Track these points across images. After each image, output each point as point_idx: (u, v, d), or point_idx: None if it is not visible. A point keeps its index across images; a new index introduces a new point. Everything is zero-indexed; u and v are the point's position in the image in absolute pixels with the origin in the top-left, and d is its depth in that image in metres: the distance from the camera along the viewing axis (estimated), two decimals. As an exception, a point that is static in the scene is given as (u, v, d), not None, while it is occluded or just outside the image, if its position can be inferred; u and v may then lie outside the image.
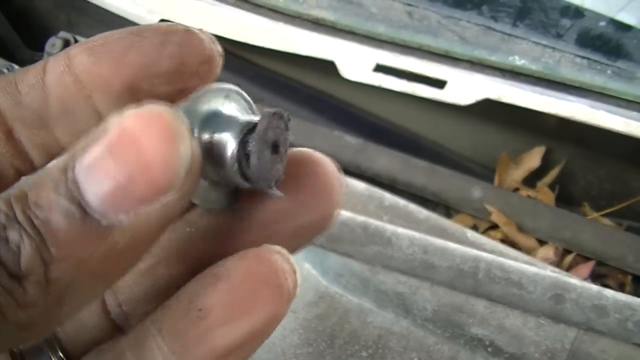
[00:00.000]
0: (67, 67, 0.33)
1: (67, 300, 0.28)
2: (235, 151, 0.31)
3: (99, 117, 0.33)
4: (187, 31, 0.33)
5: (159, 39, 0.33)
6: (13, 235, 0.27)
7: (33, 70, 0.33)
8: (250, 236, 0.34)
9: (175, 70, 0.33)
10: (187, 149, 0.27)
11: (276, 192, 0.32)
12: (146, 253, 0.30)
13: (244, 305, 0.30)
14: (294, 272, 0.32)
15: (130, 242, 0.28)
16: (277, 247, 0.32)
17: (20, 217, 0.27)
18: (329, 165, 0.35)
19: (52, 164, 0.28)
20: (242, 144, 0.31)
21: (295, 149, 0.35)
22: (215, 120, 0.33)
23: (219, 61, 0.35)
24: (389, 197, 1.15)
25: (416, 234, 1.02)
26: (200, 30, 0.34)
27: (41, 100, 0.33)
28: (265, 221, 0.34)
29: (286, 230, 0.34)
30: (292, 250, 0.34)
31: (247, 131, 0.31)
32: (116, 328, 0.36)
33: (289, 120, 0.32)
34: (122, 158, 0.26)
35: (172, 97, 0.33)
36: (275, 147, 0.31)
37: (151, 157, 0.26)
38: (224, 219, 0.35)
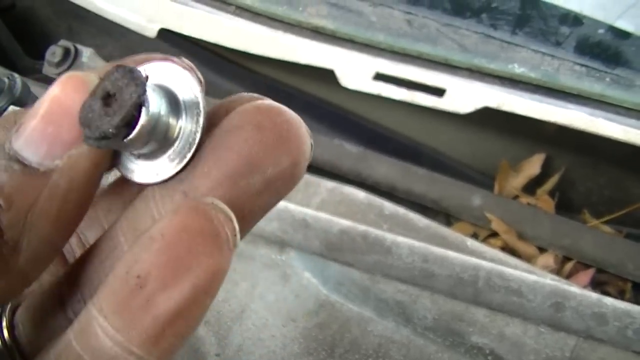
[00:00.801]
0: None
1: (25, 245, 0.30)
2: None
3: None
4: (166, 59, 0.35)
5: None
6: None
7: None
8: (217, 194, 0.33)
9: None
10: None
11: (96, 142, 0.30)
12: (89, 198, 0.32)
13: (181, 263, 0.29)
14: (231, 220, 0.30)
15: (70, 182, 0.30)
16: (210, 198, 0.31)
17: None
18: (290, 113, 0.35)
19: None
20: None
21: (254, 102, 0.34)
22: None
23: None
24: (388, 206, 1.15)
25: (416, 243, 1.02)
26: (180, 58, 0.35)
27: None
28: (229, 176, 0.32)
29: (254, 185, 0.33)
30: (265, 207, 0.34)
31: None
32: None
33: (144, 78, 0.30)
34: (47, 116, 0.30)
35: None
36: (106, 99, 0.30)
37: (65, 107, 0.30)
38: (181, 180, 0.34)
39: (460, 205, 1.38)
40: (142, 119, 0.30)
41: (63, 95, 0.30)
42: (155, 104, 0.31)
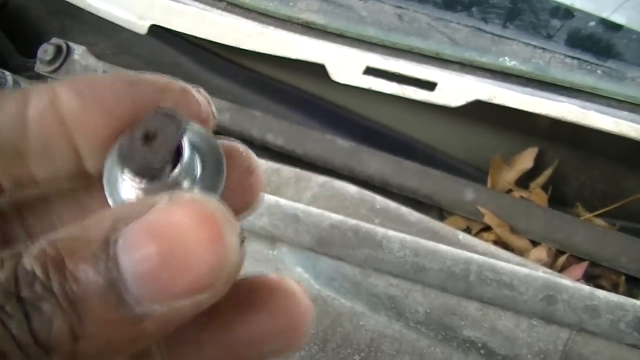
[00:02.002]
0: (52, 105, 0.32)
1: None
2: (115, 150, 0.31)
3: (79, 159, 0.33)
4: (184, 91, 0.33)
5: (154, 95, 0.33)
6: (47, 307, 0.26)
7: (14, 101, 0.32)
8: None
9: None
10: (234, 255, 0.27)
11: (142, 183, 0.31)
12: (170, 334, 0.30)
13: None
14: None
15: (159, 329, 0.28)
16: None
17: (57, 289, 0.26)
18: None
19: (93, 228, 0.27)
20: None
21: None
22: None
23: (213, 123, 0.35)
24: (380, 200, 1.15)
25: (407, 237, 1.02)
26: (198, 90, 0.34)
27: (19, 134, 0.32)
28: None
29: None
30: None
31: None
32: None
33: (183, 122, 0.30)
34: (168, 255, 0.26)
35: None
36: (148, 138, 0.30)
37: (197, 261, 0.26)
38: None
39: (453, 199, 1.38)
40: (186, 154, 0.31)
41: (195, 241, 0.27)
42: (190, 158, 0.32)
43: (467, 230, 1.37)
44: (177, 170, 0.31)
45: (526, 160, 1.45)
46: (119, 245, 0.27)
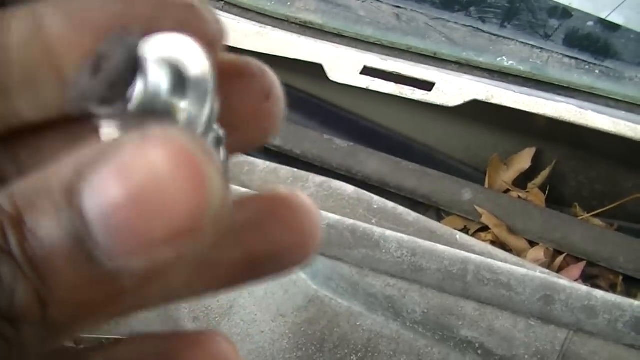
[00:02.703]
0: (36, 30, 0.28)
1: (63, 337, 0.25)
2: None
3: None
4: (189, 6, 0.27)
5: (153, 11, 0.27)
6: (7, 272, 0.23)
7: None
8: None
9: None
10: (216, 193, 0.24)
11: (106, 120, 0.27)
12: (152, 291, 0.26)
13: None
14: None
15: (140, 285, 0.24)
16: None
17: (16, 251, 0.23)
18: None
19: (53, 175, 0.24)
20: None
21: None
22: None
23: (223, 45, 0.29)
24: (377, 200, 1.15)
25: (404, 237, 1.02)
26: (204, 5, 0.28)
27: (1, 65, 0.28)
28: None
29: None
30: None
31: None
32: None
33: (134, 39, 0.26)
34: (140, 198, 0.23)
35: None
36: (94, 68, 0.26)
37: (174, 199, 0.23)
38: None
39: (450, 199, 1.37)
40: (150, 78, 0.26)
41: (170, 180, 0.23)
42: (156, 76, 0.27)
43: (465, 230, 1.37)
44: (137, 98, 0.26)
45: (524, 160, 1.45)
46: (82, 192, 0.23)
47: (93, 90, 0.26)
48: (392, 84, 1.24)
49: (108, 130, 0.27)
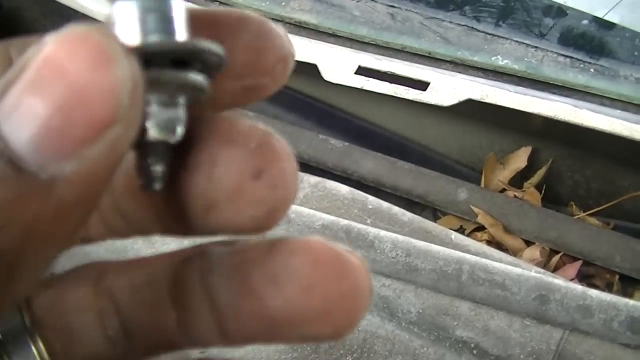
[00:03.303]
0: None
1: (18, 272, 0.24)
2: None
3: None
4: (265, 22, 0.29)
5: (233, 25, 0.28)
6: None
7: None
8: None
9: (248, 64, 0.28)
10: (124, 68, 0.22)
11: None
12: (99, 198, 0.25)
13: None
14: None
15: (80, 191, 0.23)
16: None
17: None
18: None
19: None
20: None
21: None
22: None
23: (293, 64, 0.30)
24: (372, 200, 1.15)
25: (399, 237, 1.02)
26: (277, 24, 0.29)
27: None
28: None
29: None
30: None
31: None
32: (116, 347, 0.30)
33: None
34: (49, 93, 0.22)
35: (237, 96, 0.29)
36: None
37: (83, 85, 0.22)
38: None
39: (446, 199, 1.37)
40: None
41: (70, 65, 0.22)
42: None
43: (461, 230, 1.37)
44: None
45: (520, 159, 1.44)
46: None
47: None
48: (387, 83, 1.24)
49: None
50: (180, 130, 0.27)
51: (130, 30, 0.26)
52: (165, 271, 0.30)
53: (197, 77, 0.26)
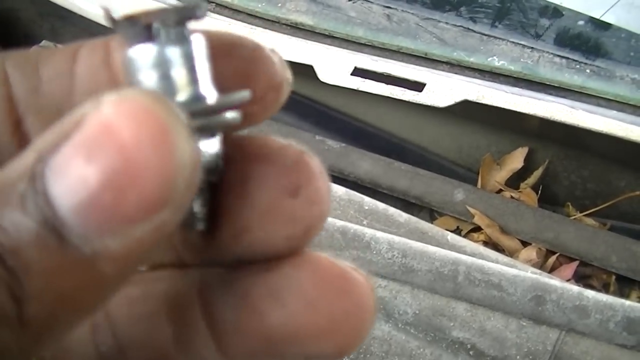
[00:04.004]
0: (105, 61, 0.27)
1: (44, 337, 0.23)
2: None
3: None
4: (258, 47, 0.27)
5: (224, 49, 0.27)
6: None
7: (61, 54, 0.27)
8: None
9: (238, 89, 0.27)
10: (185, 153, 0.21)
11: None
12: (138, 270, 0.24)
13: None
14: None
15: (121, 267, 0.22)
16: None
17: None
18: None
19: (14, 167, 0.22)
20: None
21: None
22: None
23: (287, 91, 0.29)
24: (368, 201, 1.15)
25: (395, 238, 1.02)
26: (272, 49, 0.28)
27: (66, 93, 0.27)
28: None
29: None
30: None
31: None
32: None
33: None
34: (103, 163, 0.21)
35: None
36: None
37: (141, 164, 0.21)
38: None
39: (443, 200, 1.37)
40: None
41: (130, 140, 0.21)
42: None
43: (457, 231, 1.37)
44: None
45: (516, 159, 1.44)
46: (45, 175, 0.21)
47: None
48: (383, 84, 1.24)
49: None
50: (220, 167, 0.26)
51: (162, 83, 0.25)
52: (162, 285, 0.30)
53: (233, 116, 0.26)
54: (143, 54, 0.25)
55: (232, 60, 0.27)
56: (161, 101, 0.22)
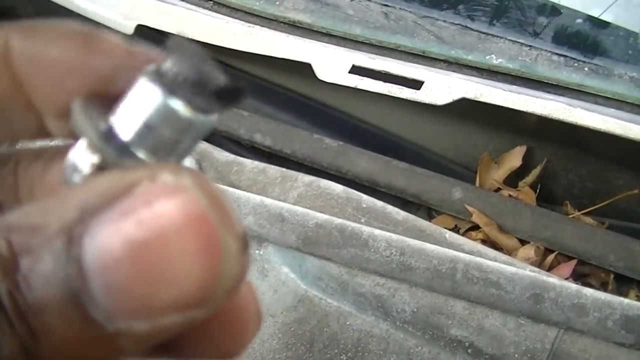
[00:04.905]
0: (5, 61, 0.26)
1: None
2: (157, 86, 0.24)
3: (40, 121, 0.27)
4: (146, 64, 0.27)
5: (109, 72, 0.27)
6: None
7: None
8: None
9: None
10: (231, 269, 0.21)
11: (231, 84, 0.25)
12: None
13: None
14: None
15: (140, 345, 0.22)
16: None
17: (5, 299, 0.20)
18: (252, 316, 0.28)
19: (54, 214, 0.21)
20: (159, 78, 0.24)
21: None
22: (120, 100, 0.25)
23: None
24: (366, 199, 1.15)
25: (393, 236, 1.02)
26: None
27: None
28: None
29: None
30: None
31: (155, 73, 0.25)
32: None
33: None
34: (146, 264, 0.20)
35: None
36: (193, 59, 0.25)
37: (181, 272, 0.21)
38: None
39: (441, 198, 1.37)
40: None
41: (178, 240, 0.20)
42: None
43: (455, 229, 1.37)
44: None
45: (514, 158, 1.44)
46: (83, 243, 0.21)
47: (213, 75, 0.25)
48: (381, 82, 1.24)
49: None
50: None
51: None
52: None
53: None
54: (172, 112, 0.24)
55: (118, 85, 0.27)
56: (220, 208, 0.21)
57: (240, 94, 0.25)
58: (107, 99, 0.26)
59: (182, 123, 0.24)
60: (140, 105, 0.24)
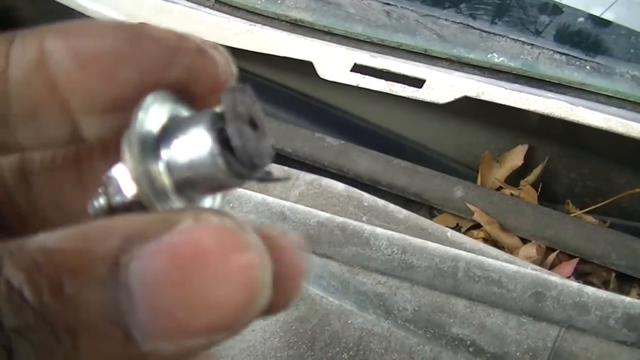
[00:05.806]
0: (40, 64, 0.26)
1: None
2: (212, 145, 0.25)
3: (75, 125, 0.27)
4: (200, 51, 0.27)
5: (164, 57, 0.27)
6: (40, 340, 0.22)
7: None
8: None
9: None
10: (263, 299, 0.23)
11: (275, 174, 0.27)
12: None
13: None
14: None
15: None
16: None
17: (53, 318, 0.21)
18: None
19: (98, 242, 0.22)
20: (217, 133, 0.25)
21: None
22: (172, 131, 0.26)
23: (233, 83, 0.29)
24: (368, 198, 1.14)
25: (395, 234, 1.02)
26: (216, 48, 0.28)
27: (0, 96, 0.26)
28: None
29: None
30: None
31: (214, 120, 0.25)
32: None
33: (253, 93, 0.26)
34: (189, 290, 0.22)
35: None
36: (253, 123, 0.26)
37: (222, 301, 0.22)
38: None
39: (442, 197, 1.37)
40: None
41: (221, 271, 0.22)
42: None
43: (457, 228, 1.37)
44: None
45: (516, 157, 1.44)
46: (130, 270, 0.22)
47: (264, 147, 0.26)
48: (383, 81, 1.24)
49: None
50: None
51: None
52: None
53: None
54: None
55: (171, 70, 0.27)
56: (265, 266, 0.23)
57: (275, 180, 0.27)
58: (163, 95, 0.27)
59: (221, 182, 0.26)
60: (189, 153, 0.25)
